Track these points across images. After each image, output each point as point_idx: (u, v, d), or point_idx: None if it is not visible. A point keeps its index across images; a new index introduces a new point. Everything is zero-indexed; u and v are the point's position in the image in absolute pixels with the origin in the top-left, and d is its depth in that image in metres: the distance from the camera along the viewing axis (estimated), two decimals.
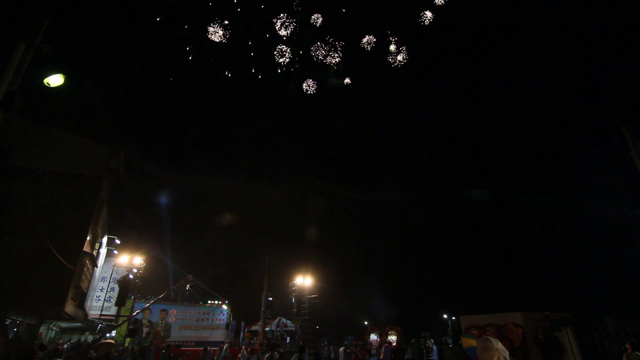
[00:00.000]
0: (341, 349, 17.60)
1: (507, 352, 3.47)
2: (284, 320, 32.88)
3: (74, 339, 26.03)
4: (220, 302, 30.75)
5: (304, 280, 27.63)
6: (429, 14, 18.59)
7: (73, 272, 11.54)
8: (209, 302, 31.31)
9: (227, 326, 31.78)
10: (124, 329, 24.82)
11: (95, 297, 21.21)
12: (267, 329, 28.52)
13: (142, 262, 21.53)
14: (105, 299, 21.69)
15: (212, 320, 30.83)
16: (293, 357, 11.94)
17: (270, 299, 28.29)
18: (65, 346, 21.62)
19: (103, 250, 19.86)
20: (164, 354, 16.31)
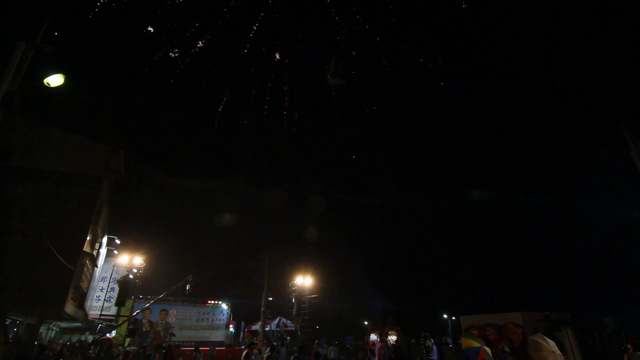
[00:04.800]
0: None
1: (563, 357, 3.37)
2: (284, 320, 32.88)
3: (74, 339, 26.04)
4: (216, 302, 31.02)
5: (304, 280, 27.62)
6: None
7: (73, 272, 11.53)
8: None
9: (227, 326, 31.81)
10: (124, 329, 24.83)
11: (95, 297, 21.20)
12: (267, 328, 28.52)
13: (142, 262, 21.51)
14: (105, 299, 21.70)
15: (212, 320, 30.87)
16: (292, 357, 11.94)
17: (270, 299, 28.29)
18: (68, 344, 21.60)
19: (103, 250, 19.86)
20: (164, 354, 16.26)
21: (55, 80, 6.77)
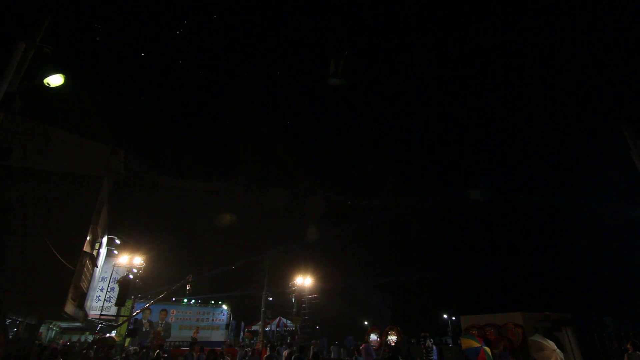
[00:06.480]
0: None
1: (563, 355, 3.45)
2: (284, 320, 32.89)
3: (74, 338, 26.03)
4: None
5: (304, 281, 27.61)
6: None
7: (73, 272, 11.54)
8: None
9: (227, 326, 31.83)
10: (124, 329, 24.83)
11: (95, 297, 21.21)
12: (267, 329, 28.53)
13: (142, 262, 21.51)
14: (105, 299, 21.70)
15: (212, 320, 30.89)
16: (292, 358, 11.94)
17: (270, 299, 28.29)
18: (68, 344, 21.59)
19: (103, 250, 19.86)
20: (158, 354, 16.24)
21: (55, 80, 6.77)
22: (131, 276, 18.54)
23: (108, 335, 24.88)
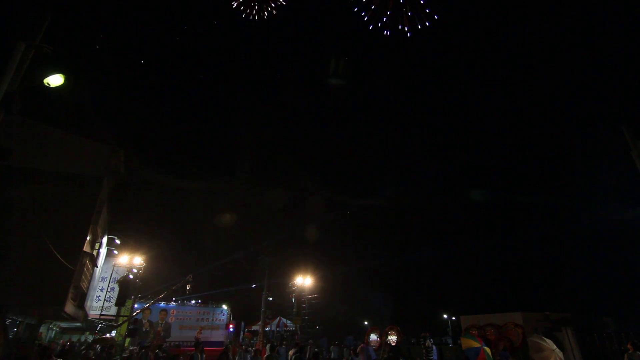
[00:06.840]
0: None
1: (562, 354, 3.45)
2: (284, 320, 32.87)
3: (74, 338, 26.02)
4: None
5: (304, 281, 27.59)
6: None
7: (73, 272, 11.54)
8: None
9: (227, 326, 31.84)
10: (124, 329, 24.82)
11: (95, 297, 21.19)
12: (267, 329, 28.52)
13: (142, 262, 21.48)
14: (105, 299, 21.68)
15: (212, 320, 30.89)
16: (293, 357, 11.95)
17: (270, 299, 28.27)
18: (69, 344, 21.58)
19: (103, 250, 19.84)
20: (157, 355, 16.21)
21: (55, 80, 6.77)
22: (131, 276, 18.53)
23: (108, 335, 24.87)
